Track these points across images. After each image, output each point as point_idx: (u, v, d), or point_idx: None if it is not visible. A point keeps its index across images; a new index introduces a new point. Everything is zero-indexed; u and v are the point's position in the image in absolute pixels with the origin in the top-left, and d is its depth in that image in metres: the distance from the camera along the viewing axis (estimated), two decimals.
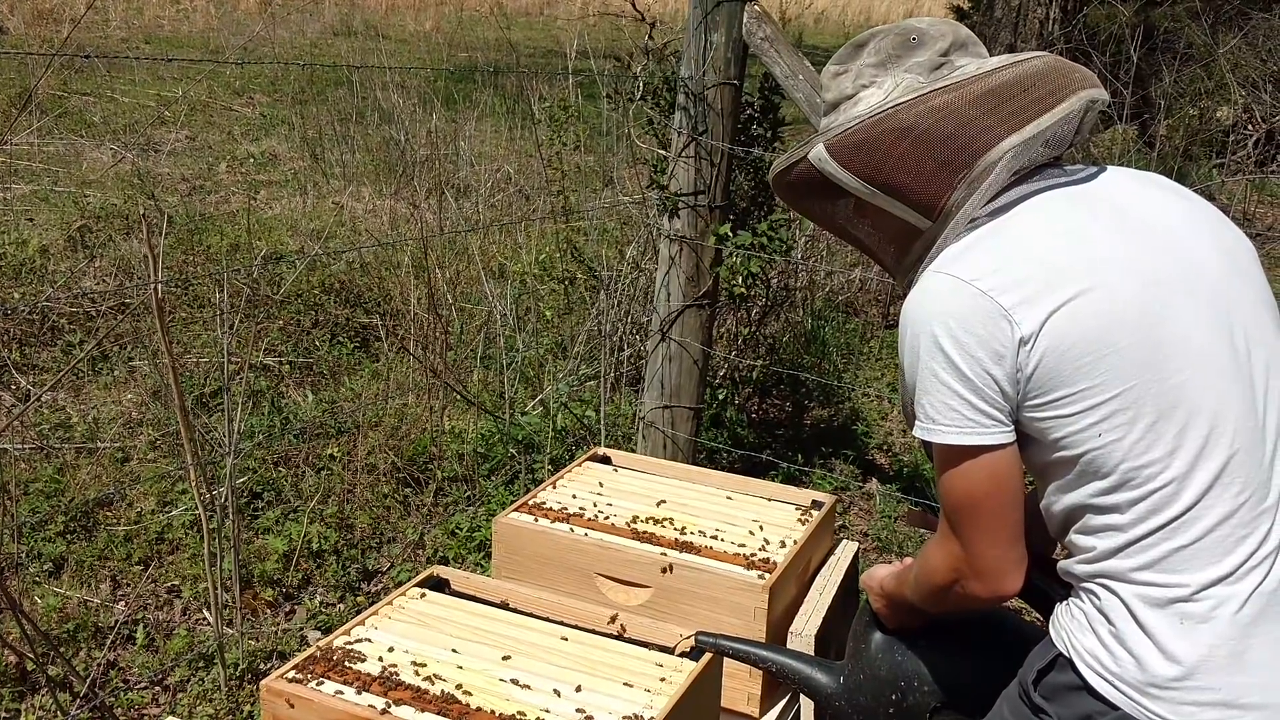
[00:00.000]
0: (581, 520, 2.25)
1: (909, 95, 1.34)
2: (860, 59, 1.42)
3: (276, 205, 6.00)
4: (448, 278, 4.69)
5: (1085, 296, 1.23)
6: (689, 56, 3.20)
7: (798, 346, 4.72)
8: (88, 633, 2.73)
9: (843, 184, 1.39)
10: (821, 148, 1.39)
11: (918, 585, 1.45)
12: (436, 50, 10.09)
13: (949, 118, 1.31)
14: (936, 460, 1.33)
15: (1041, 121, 1.30)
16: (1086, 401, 1.24)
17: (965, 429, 1.27)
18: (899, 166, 1.33)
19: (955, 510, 1.32)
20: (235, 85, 8.97)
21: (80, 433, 3.63)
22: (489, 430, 3.78)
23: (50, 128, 6.75)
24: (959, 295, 1.26)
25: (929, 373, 1.29)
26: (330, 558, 3.15)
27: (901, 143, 1.32)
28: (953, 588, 1.35)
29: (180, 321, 4.48)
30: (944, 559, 1.35)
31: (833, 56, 1.47)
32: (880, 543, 3.59)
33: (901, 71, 1.37)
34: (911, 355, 1.31)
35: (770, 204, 3.66)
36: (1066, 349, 1.23)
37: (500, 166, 6.36)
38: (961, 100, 1.31)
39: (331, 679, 1.68)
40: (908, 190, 1.34)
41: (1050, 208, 1.32)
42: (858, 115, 1.37)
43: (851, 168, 1.36)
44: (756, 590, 2.00)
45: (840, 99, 1.42)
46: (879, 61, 1.39)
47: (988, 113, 1.30)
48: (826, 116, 1.45)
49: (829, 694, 1.74)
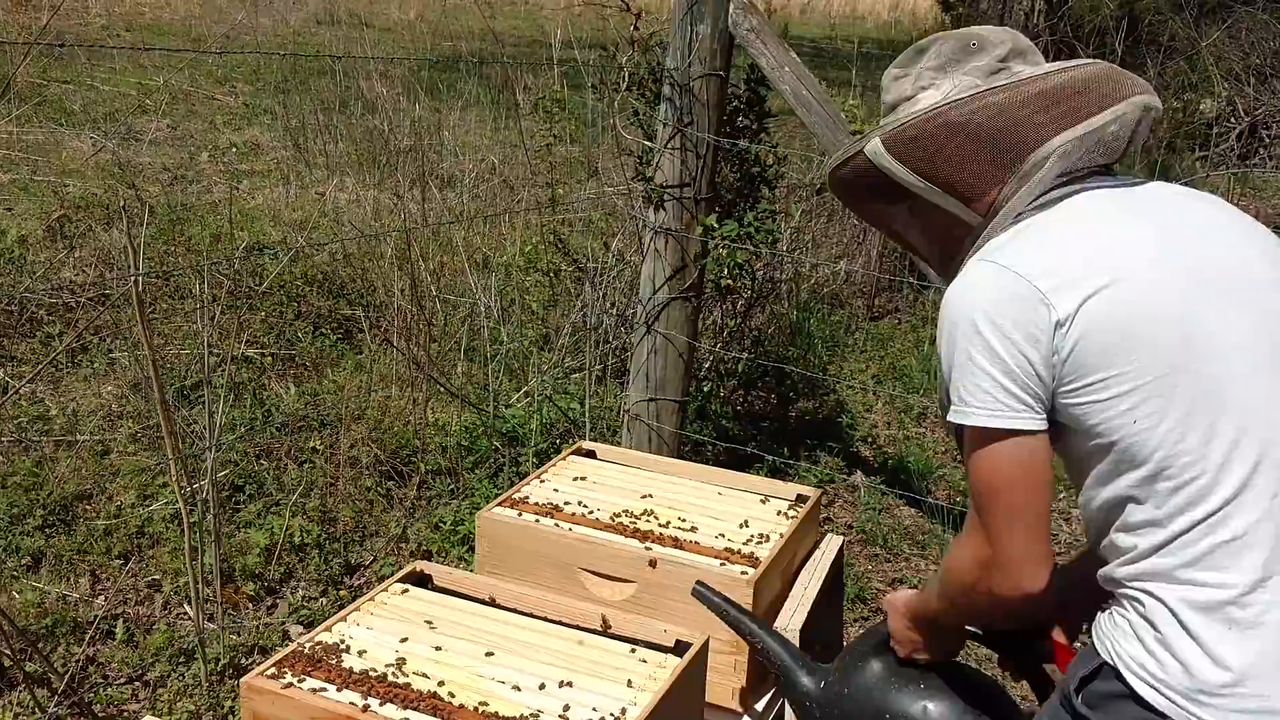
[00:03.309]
0: (565, 515, 2.24)
1: (964, 93, 1.38)
2: (921, 63, 1.47)
3: (259, 195, 5.94)
4: (431, 269, 4.66)
5: (1122, 284, 1.25)
6: (674, 47, 3.18)
7: (783, 339, 4.71)
8: (66, 628, 2.70)
9: (897, 178, 1.42)
10: (878, 141, 1.42)
11: (944, 587, 1.43)
12: (420, 39, 10.02)
13: (1002, 115, 1.36)
14: (967, 446, 1.33)
15: (1093, 122, 1.34)
16: (1121, 386, 1.25)
17: (997, 412, 1.28)
18: (952, 161, 1.38)
19: (982, 497, 1.31)
20: (217, 74, 8.89)
21: (59, 425, 3.60)
22: (473, 423, 3.76)
23: (29, 116, 6.67)
24: (998, 281, 1.29)
25: (965, 356, 1.30)
26: (312, 551, 3.12)
27: (955, 138, 1.37)
28: (978, 585, 1.34)
29: (161, 313, 4.44)
30: (970, 553, 1.34)
31: (894, 61, 1.52)
32: (865, 535, 3.59)
33: (960, 74, 1.42)
34: (950, 341, 1.32)
35: (756, 195, 3.64)
36: (1102, 332, 1.24)
37: (484, 157, 6.32)
38: (1015, 99, 1.36)
39: (313, 676, 1.66)
40: (960, 185, 1.38)
41: (1094, 205, 1.35)
42: (916, 112, 1.40)
43: (906, 162, 1.40)
44: (741, 585, 1.99)
45: (899, 100, 1.47)
46: (939, 65, 1.44)
47: (1040, 111, 1.35)
48: (885, 118, 1.49)
49: (805, 695, 1.73)
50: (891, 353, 5.05)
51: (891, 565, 3.47)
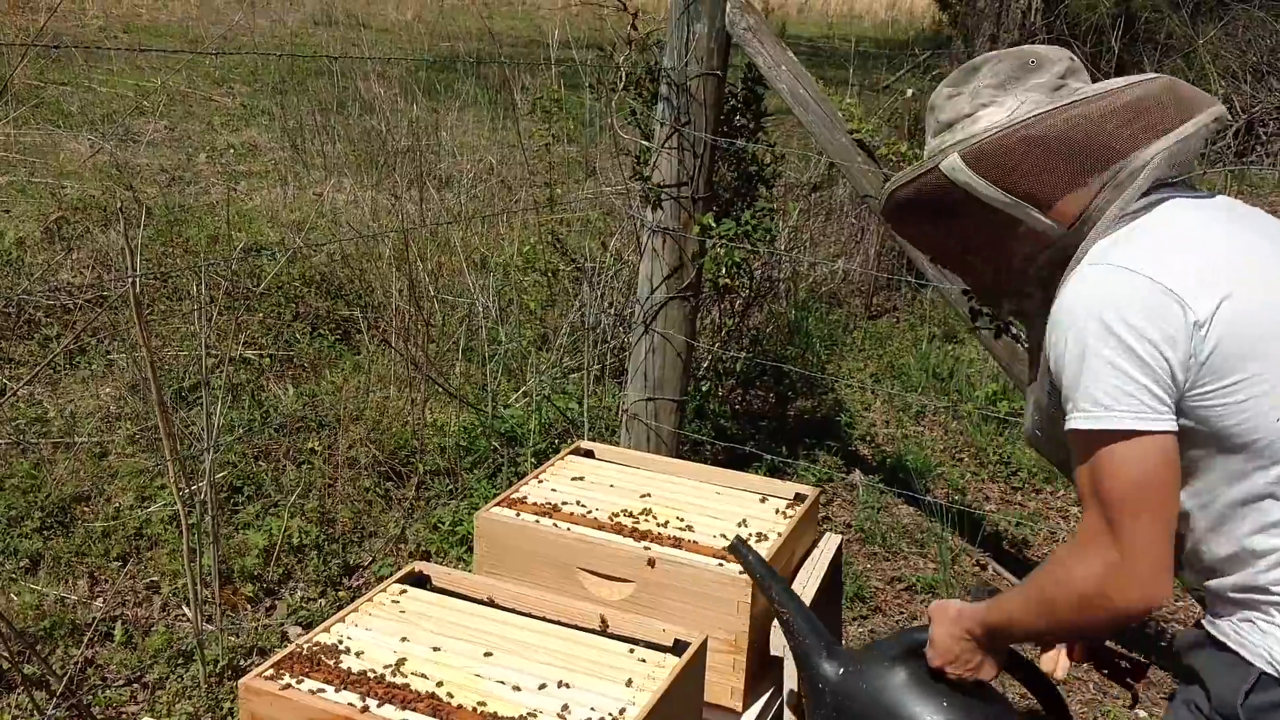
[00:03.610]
0: (564, 515, 2.23)
1: (1048, 106, 1.38)
2: (976, 81, 1.46)
3: (257, 196, 5.94)
4: (429, 270, 4.66)
5: (1249, 286, 1.27)
6: (672, 47, 3.18)
7: (781, 338, 4.71)
8: (65, 630, 2.70)
9: (978, 193, 1.40)
10: (956, 158, 1.40)
11: (1047, 600, 1.36)
12: (418, 40, 10.01)
13: (1092, 127, 1.36)
14: (1099, 452, 1.28)
15: (1183, 130, 1.35)
16: (1260, 386, 1.26)
17: (1143, 414, 1.26)
18: (1039, 174, 1.36)
19: (1123, 503, 1.27)
20: (215, 75, 8.88)
21: (57, 427, 3.59)
22: (471, 423, 3.76)
23: (26, 118, 6.67)
24: (1129, 282, 1.28)
25: (1100, 360, 1.27)
26: (311, 552, 3.12)
27: (1040, 151, 1.36)
28: (1100, 597, 1.28)
29: (159, 314, 4.44)
30: (1094, 565, 1.28)
31: (945, 80, 1.51)
32: (864, 534, 3.59)
33: (1022, 91, 1.42)
34: (1076, 345, 1.29)
35: (754, 194, 3.64)
36: (1239, 335, 1.25)
37: (482, 157, 6.32)
38: (1103, 111, 1.36)
39: (311, 677, 1.66)
40: (1044, 196, 1.37)
41: (1189, 213, 1.36)
42: (995, 126, 1.39)
43: (990, 176, 1.38)
44: (740, 584, 1.99)
45: (957, 118, 1.46)
46: (998, 83, 1.44)
47: (1127, 123, 1.36)
48: (938, 136, 1.49)
49: (821, 677, 1.71)
50: (890, 351, 5.05)
51: (890, 564, 3.47)
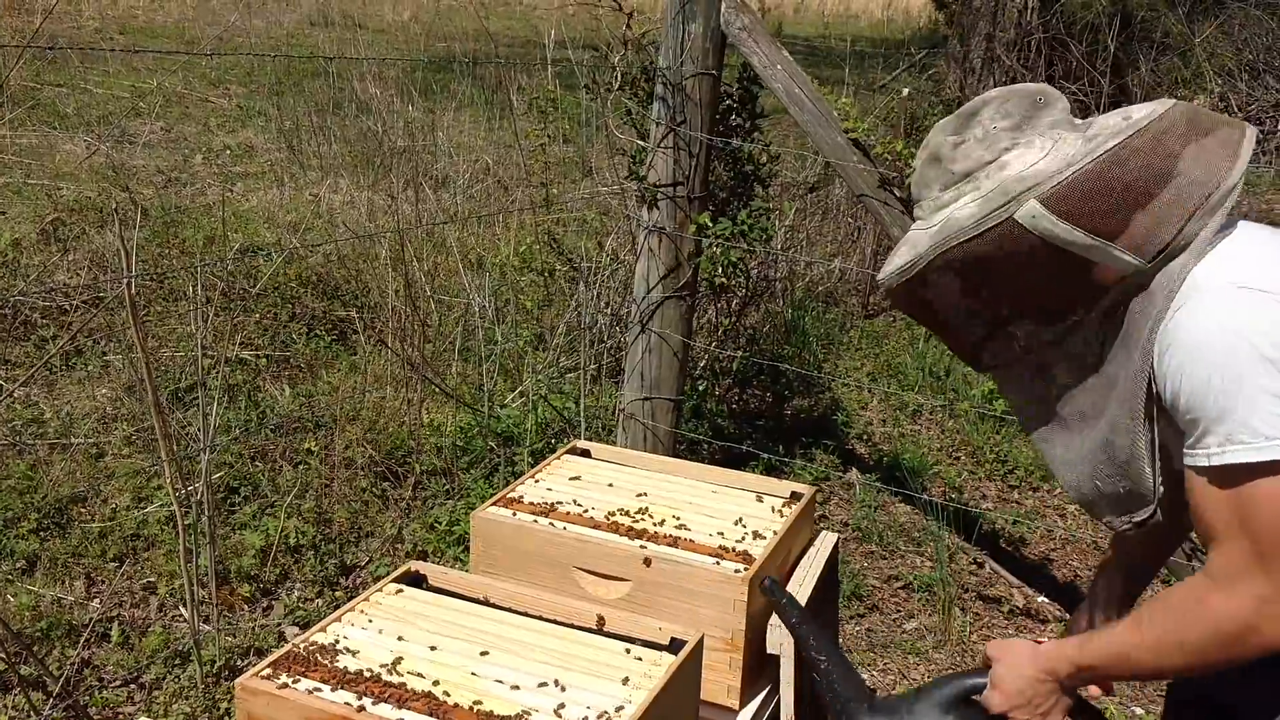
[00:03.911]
0: (560, 514, 2.23)
1: (1112, 141, 1.31)
2: (981, 125, 1.39)
3: (253, 197, 5.94)
4: (426, 270, 4.66)
5: None
6: (667, 46, 3.18)
7: (778, 337, 4.72)
8: (61, 631, 2.70)
9: (1056, 239, 1.32)
10: (1036, 204, 1.31)
11: (1173, 641, 1.31)
12: (414, 40, 10.02)
13: (1176, 156, 1.31)
14: (1254, 484, 1.23)
15: (1244, 153, 1.32)
16: None
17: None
18: (1131, 209, 1.30)
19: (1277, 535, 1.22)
20: (211, 76, 8.88)
21: (54, 428, 3.59)
22: (468, 423, 3.76)
23: (22, 119, 6.67)
24: (1266, 303, 1.23)
25: (1258, 389, 1.21)
26: (308, 553, 3.12)
27: (1136, 185, 1.30)
28: (1247, 632, 1.24)
29: (155, 315, 4.44)
30: (1242, 599, 1.24)
31: (938, 129, 1.43)
32: (861, 532, 3.59)
33: (1046, 129, 1.36)
34: (1224, 374, 1.23)
35: (750, 194, 3.65)
36: None
37: (479, 157, 6.32)
38: (1179, 138, 1.31)
39: (308, 676, 1.66)
40: (1132, 232, 1.30)
41: (1260, 230, 1.35)
42: (1068, 165, 1.31)
43: (1072, 218, 1.30)
44: (736, 583, 1.99)
45: (976, 166, 1.38)
46: (1013, 124, 1.37)
47: (1207, 148, 1.31)
48: (955, 188, 1.40)
49: None
50: (886, 350, 5.05)
51: (887, 562, 3.48)
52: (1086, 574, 3.47)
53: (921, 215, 1.45)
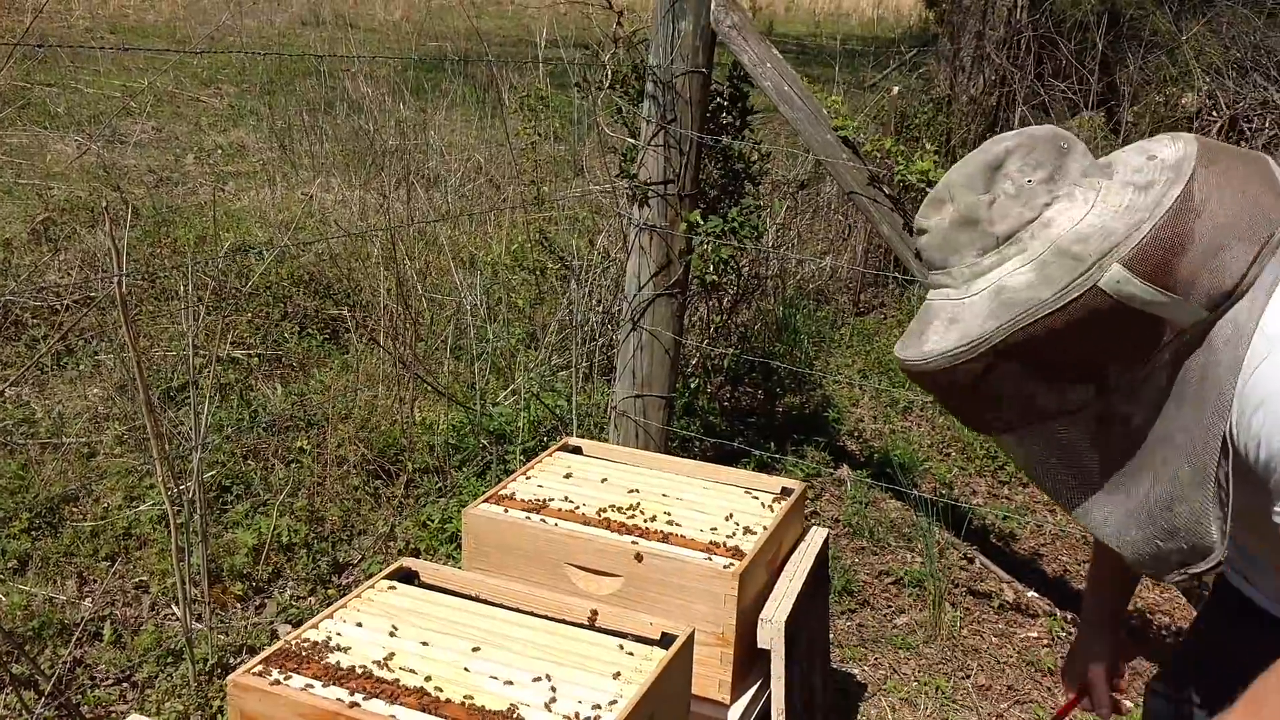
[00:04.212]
0: (551, 510, 2.24)
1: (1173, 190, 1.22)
2: (1008, 179, 1.26)
3: (245, 197, 5.94)
4: (417, 268, 4.66)
5: None
6: (657, 44, 3.19)
7: (769, 334, 4.73)
8: (53, 630, 2.70)
9: (1137, 302, 1.20)
10: (1119, 269, 1.19)
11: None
12: (406, 39, 10.01)
13: (1242, 199, 1.24)
14: None
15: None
16: None
17: None
18: (1208, 261, 1.22)
19: None
20: (202, 75, 8.87)
21: (45, 428, 3.59)
22: (460, 421, 3.76)
23: (12, 119, 6.65)
24: None
25: None
26: (300, 551, 3.13)
27: (1214, 236, 1.22)
28: None
29: (147, 315, 4.44)
30: None
31: (959, 185, 1.29)
32: (852, 528, 3.60)
33: (1079, 177, 1.26)
34: None
35: (740, 191, 3.66)
36: None
37: (470, 156, 6.33)
38: (1224, 180, 1.24)
39: (300, 673, 1.67)
40: (1201, 283, 1.21)
41: None
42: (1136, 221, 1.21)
43: (1154, 279, 1.20)
44: (726, 578, 2.01)
45: (1019, 226, 1.24)
46: (1047, 175, 1.26)
47: (1264, 186, 1.26)
48: (997, 252, 1.26)
49: None
50: (877, 347, 5.07)
51: (878, 557, 3.49)
52: (1076, 568, 3.49)
53: (951, 283, 1.29)
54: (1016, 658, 3.04)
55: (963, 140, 6.31)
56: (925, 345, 1.29)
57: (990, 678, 2.96)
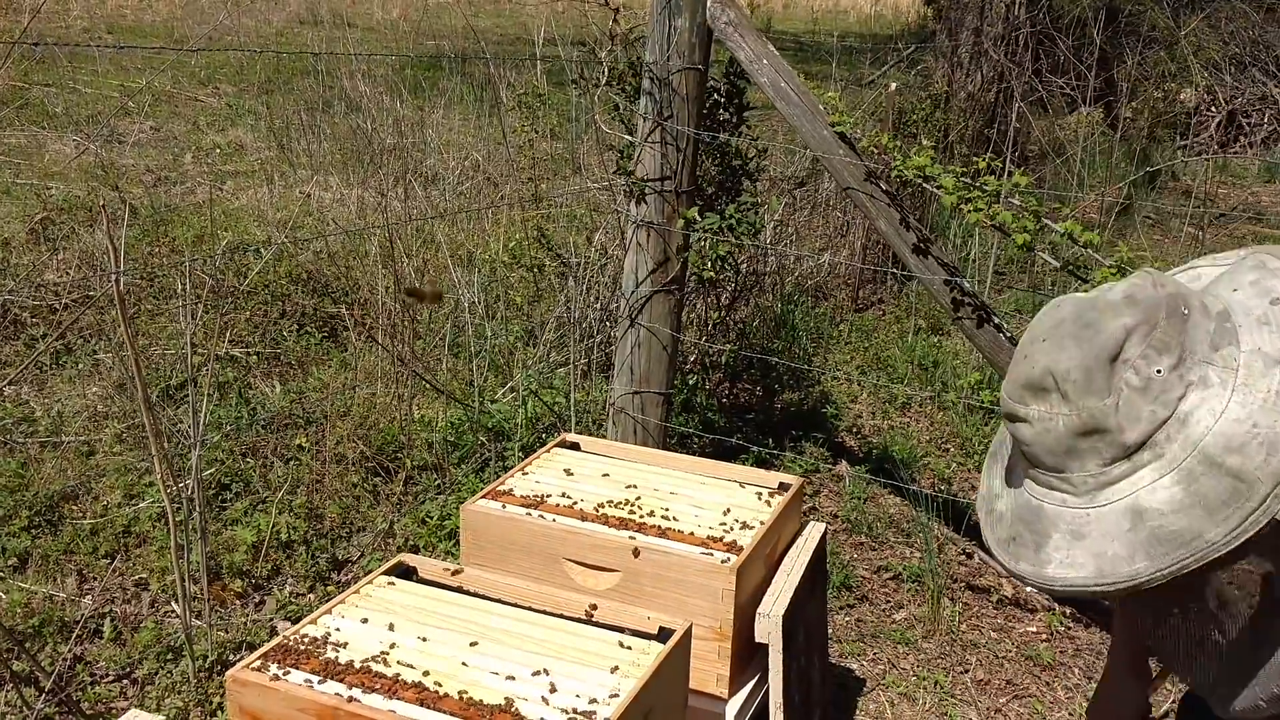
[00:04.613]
0: (549, 506, 2.25)
1: None
2: (1135, 370, 1.08)
3: (243, 196, 5.94)
4: (416, 266, 4.67)
5: None
6: (653, 41, 3.19)
7: (767, 331, 4.73)
8: (54, 627, 2.71)
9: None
10: None
11: None
12: (404, 38, 10.01)
13: None
14: None
15: None
16: None
17: None
18: None
19: None
20: (200, 75, 8.87)
21: (44, 427, 3.59)
22: (459, 418, 3.77)
23: (11, 119, 6.66)
24: None
25: None
26: (299, 548, 3.13)
27: None
28: None
29: (146, 313, 4.44)
30: None
31: (1074, 387, 1.10)
32: (850, 524, 3.61)
33: (1209, 352, 1.09)
34: None
35: (738, 188, 3.66)
36: None
37: (468, 154, 6.33)
38: None
39: (299, 668, 1.68)
40: None
41: None
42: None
43: None
44: (723, 572, 2.01)
45: (1152, 429, 1.08)
46: (1175, 361, 1.08)
47: None
48: (1129, 460, 1.09)
49: None
50: (875, 344, 5.07)
51: (877, 553, 3.50)
52: None
53: (1070, 491, 1.12)
54: (1015, 652, 3.05)
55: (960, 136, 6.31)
56: (1049, 567, 1.12)
57: (989, 672, 2.97)
